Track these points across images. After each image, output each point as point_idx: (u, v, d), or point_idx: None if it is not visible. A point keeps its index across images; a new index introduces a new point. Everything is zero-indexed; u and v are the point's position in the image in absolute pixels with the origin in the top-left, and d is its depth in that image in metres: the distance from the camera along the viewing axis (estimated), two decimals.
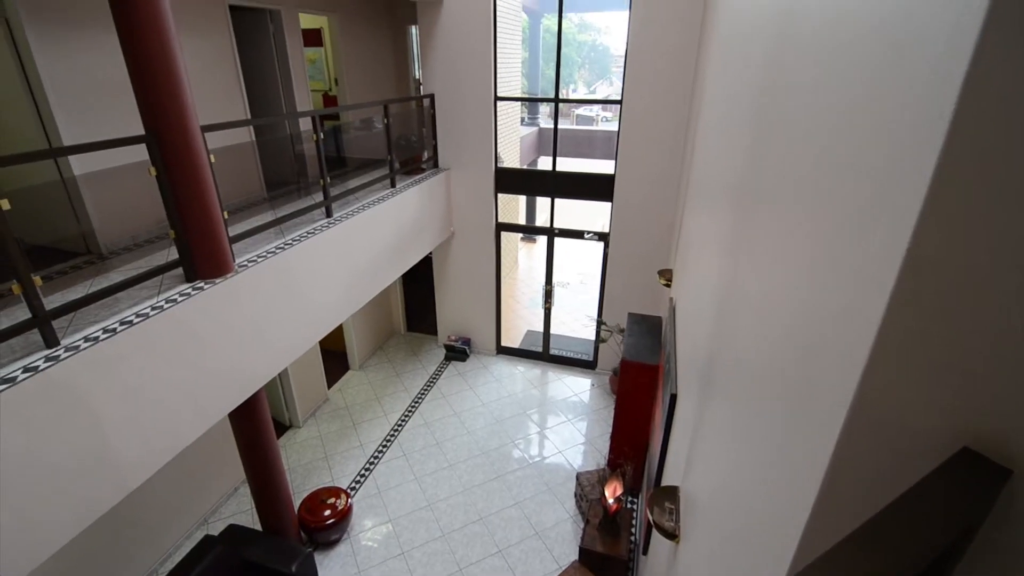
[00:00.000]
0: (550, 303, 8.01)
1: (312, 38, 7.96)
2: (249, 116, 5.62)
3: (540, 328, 8.33)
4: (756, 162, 1.58)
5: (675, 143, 6.22)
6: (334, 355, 7.97)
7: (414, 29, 8.06)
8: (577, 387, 7.81)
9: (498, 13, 6.59)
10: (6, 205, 2.44)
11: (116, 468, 2.80)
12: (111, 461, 2.77)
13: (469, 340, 8.43)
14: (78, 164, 3.90)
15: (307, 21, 7.33)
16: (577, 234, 7.52)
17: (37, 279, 2.59)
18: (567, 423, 7.04)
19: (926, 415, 0.64)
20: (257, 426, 4.46)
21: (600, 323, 7.44)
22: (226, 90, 5.31)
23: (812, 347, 0.88)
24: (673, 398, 3.24)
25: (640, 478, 5.59)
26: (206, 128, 3.31)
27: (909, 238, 0.60)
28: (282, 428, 6.90)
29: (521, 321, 9.77)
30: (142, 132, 3.09)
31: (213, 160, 3.40)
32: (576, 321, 9.50)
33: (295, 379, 6.76)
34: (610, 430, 5.82)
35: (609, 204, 6.91)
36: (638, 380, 5.17)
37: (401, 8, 7.99)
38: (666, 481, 3.17)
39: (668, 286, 5.30)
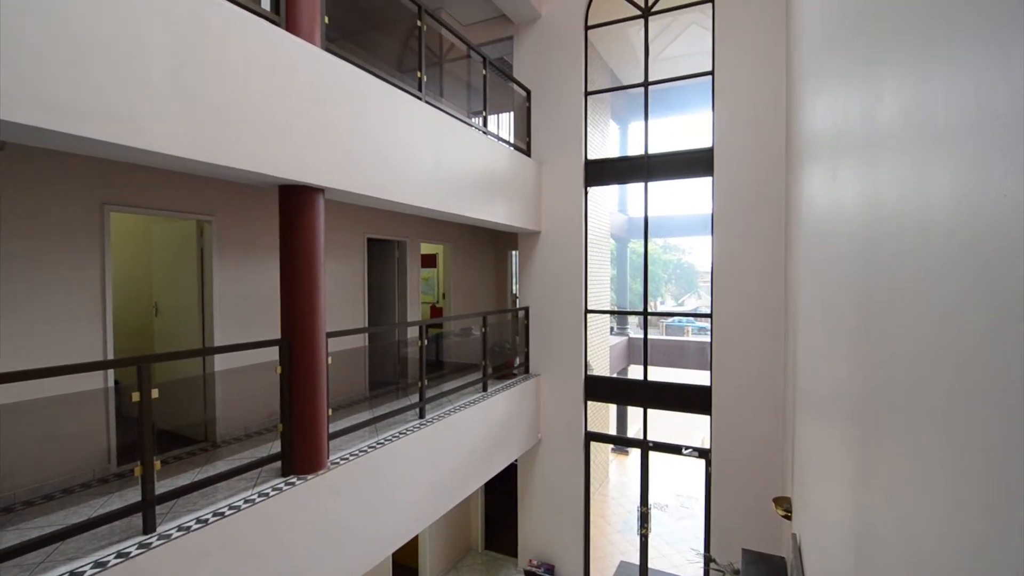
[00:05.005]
0: (646, 528, 7.05)
1: (428, 261, 9.33)
2: (367, 324, 6.37)
3: (635, 559, 7.20)
4: (870, 384, 1.46)
5: (773, 355, 5.98)
6: (405, 572, 7.31)
7: (514, 253, 9.20)
8: None
9: (589, 241, 7.41)
10: (155, 394, 2.81)
11: None
12: None
13: (553, 568, 7.42)
14: (220, 361, 4.52)
15: (426, 248, 8.70)
16: (674, 449, 6.95)
17: (157, 463, 2.81)
18: None
19: None
20: None
21: (709, 559, 6.31)
22: (352, 302, 6.17)
23: None
24: None
25: None
26: (330, 334, 3.77)
27: None
28: None
29: (613, 548, 8.56)
30: (276, 336, 3.59)
31: (330, 362, 3.78)
32: (679, 554, 8.15)
33: None
34: None
35: (708, 417, 6.48)
36: None
37: (504, 237, 9.30)
38: None
39: (788, 518, 4.51)
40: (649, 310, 7.06)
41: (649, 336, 7.10)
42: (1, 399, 2.61)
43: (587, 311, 7.30)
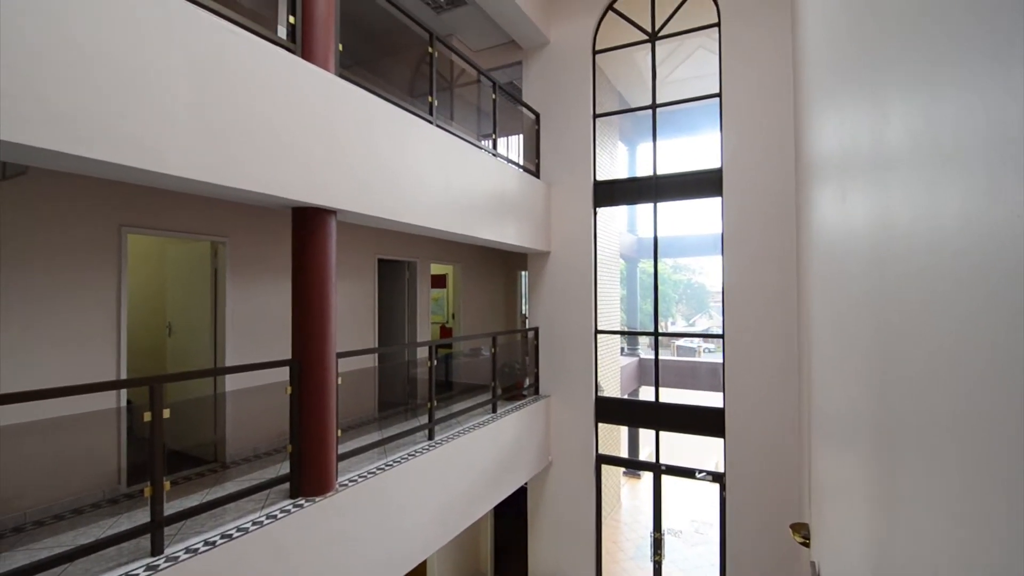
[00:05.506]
0: (660, 555, 6.88)
1: (438, 281, 9.37)
2: (377, 344, 6.38)
3: None
4: (884, 405, 1.43)
5: (787, 376, 5.89)
6: None
7: (524, 274, 9.22)
8: None
9: (598, 261, 7.41)
10: (167, 414, 2.83)
11: None
12: None
13: None
14: (230, 381, 4.54)
15: (436, 268, 8.75)
16: (687, 472, 6.82)
17: (167, 484, 2.81)
18: None
19: None
20: None
21: None
22: (362, 322, 6.20)
23: None
24: None
25: None
26: (341, 355, 3.79)
27: None
28: None
29: (626, 575, 8.35)
30: (287, 356, 3.60)
31: (340, 382, 3.78)
32: None
33: None
34: None
35: (721, 440, 6.36)
36: None
37: (513, 257, 9.33)
38: None
39: (805, 545, 4.38)
40: (660, 330, 7.01)
41: (660, 357, 7.04)
42: (17, 418, 2.64)
43: (597, 332, 7.26)
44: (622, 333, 13.22)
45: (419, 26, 4.79)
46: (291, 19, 3.43)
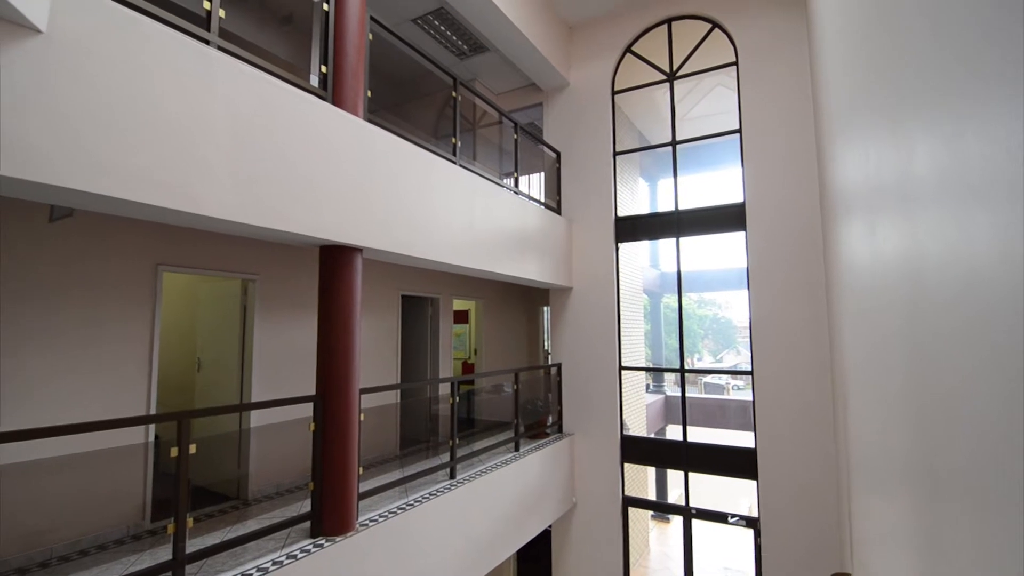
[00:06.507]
0: None
1: (460, 317, 9.41)
2: (399, 380, 6.39)
3: None
4: (927, 445, 1.36)
5: (822, 415, 5.65)
6: None
7: (546, 309, 9.20)
8: None
9: (621, 296, 7.36)
10: (192, 449, 2.86)
11: None
12: None
13: None
14: (255, 417, 4.58)
15: (458, 304, 8.81)
16: (719, 517, 6.51)
17: (190, 520, 2.81)
18: None
19: None
20: None
21: None
22: (385, 358, 6.24)
23: None
24: None
25: None
26: (364, 391, 3.80)
27: None
28: None
29: None
30: (311, 391, 3.63)
31: (362, 419, 3.78)
32: None
33: None
34: None
35: (754, 482, 6.09)
36: None
37: (535, 293, 9.35)
38: None
39: None
40: (686, 367, 6.86)
41: (687, 394, 6.86)
42: (53, 451, 2.71)
43: (621, 368, 7.14)
44: (647, 370, 12.96)
45: (444, 72, 5.00)
46: (323, 68, 3.62)
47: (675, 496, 11.58)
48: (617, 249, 7.28)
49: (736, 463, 6.31)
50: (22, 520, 3.14)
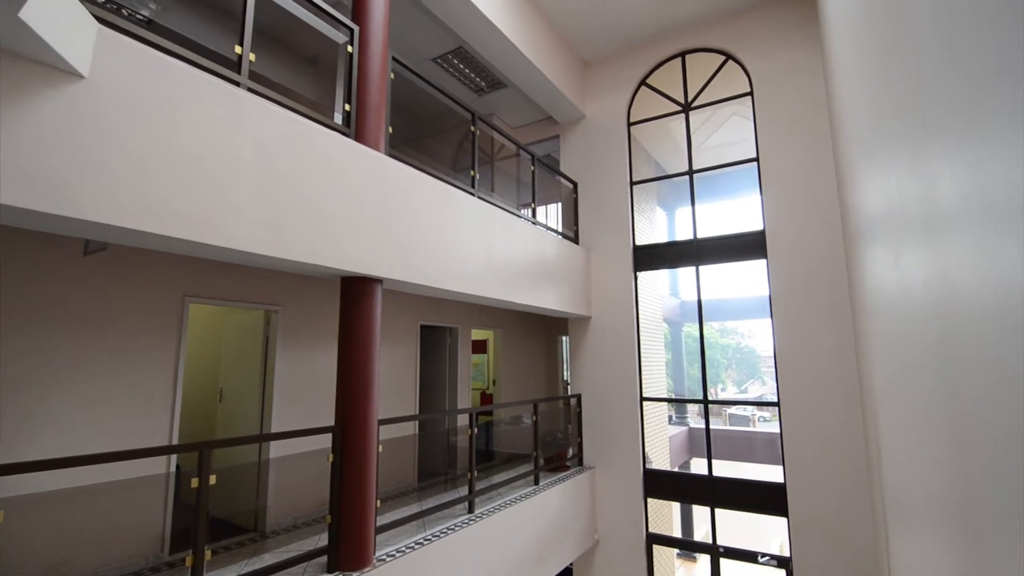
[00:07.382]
0: None
1: (479, 347, 9.39)
2: (418, 411, 6.36)
3: None
4: (965, 481, 1.29)
5: (852, 448, 5.43)
6: None
7: (565, 339, 9.13)
8: None
9: (641, 325, 7.28)
10: (212, 480, 2.86)
11: None
12: None
13: None
14: (274, 448, 4.59)
15: (476, 334, 8.81)
16: (749, 556, 6.23)
17: (208, 553, 2.80)
18: None
19: None
20: None
21: None
22: (404, 389, 6.23)
23: None
24: None
25: None
26: (382, 421, 3.79)
27: None
28: None
29: None
30: (329, 422, 3.63)
31: (380, 450, 3.76)
32: None
33: None
34: None
35: (784, 519, 5.83)
36: None
37: (554, 322, 9.30)
38: None
39: None
40: (709, 397, 6.69)
41: (711, 426, 6.67)
42: (80, 480, 2.74)
43: (643, 399, 7.00)
44: (669, 400, 12.67)
45: (463, 108, 5.14)
46: (347, 107, 3.76)
47: (702, 533, 11.13)
48: (636, 278, 7.25)
49: (765, 499, 6.07)
50: (40, 551, 3.16)
